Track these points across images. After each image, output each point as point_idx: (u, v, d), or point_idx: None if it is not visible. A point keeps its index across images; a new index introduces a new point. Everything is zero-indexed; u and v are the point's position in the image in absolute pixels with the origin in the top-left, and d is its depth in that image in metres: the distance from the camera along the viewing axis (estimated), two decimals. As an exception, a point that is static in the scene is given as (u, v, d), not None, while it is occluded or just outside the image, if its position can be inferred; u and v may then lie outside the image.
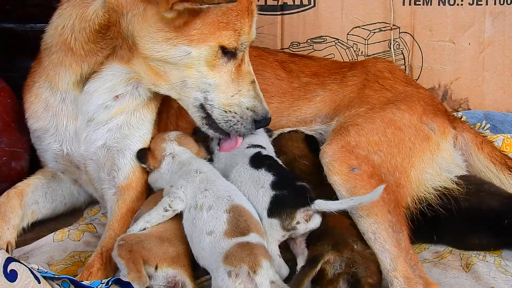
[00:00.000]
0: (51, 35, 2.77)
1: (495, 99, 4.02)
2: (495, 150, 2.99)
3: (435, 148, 2.84)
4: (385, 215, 2.53)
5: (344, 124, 2.83)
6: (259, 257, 2.31)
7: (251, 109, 2.74)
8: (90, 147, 2.81)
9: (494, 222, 2.71)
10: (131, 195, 2.80)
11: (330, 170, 2.65)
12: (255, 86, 2.77)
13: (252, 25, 2.73)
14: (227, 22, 2.60)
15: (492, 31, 3.95)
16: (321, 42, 3.97)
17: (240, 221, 2.45)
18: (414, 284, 2.39)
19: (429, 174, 2.80)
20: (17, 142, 3.09)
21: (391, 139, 2.75)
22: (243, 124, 2.74)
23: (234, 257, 2.31)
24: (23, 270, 2.16)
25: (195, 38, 2.57)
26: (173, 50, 2.58)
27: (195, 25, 2.56)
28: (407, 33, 3.96)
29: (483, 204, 2.74)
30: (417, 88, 3.15)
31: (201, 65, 2.64)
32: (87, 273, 2.50)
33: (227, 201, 2.52)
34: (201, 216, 2.50)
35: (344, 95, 3.14)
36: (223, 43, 2.62)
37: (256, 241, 2.40)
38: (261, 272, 2.28)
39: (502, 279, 2.59)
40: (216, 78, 2.67)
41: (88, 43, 2.68)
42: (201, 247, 2.45)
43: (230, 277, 2.28)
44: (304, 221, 2.47)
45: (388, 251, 2.46)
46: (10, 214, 2.86)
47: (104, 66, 2.72)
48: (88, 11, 2.64)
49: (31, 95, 2.89)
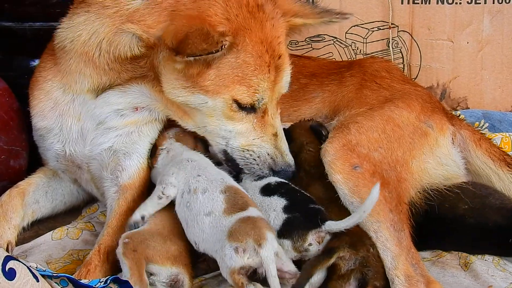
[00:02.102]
0: (71, 40, 2.69)
1: (494, 98, 4.03)
2: (494, 146, 2.99)
3: (434, 143, 2.84)
4: (386, 214, 2.53)
5: (344, 122, 2.83)
6: (263, 230, 2.34)
7: (271, 157, 2.70)
8: (96, 148, 2.81)
9: (499, 238, 2.68)
10: (132, 194, 2.80)
11: (332, 168, 2.64)
12: (277, 139, 2.72)
13: (280, 81, 2.67)
14: (242, 76, 2.55)
15: (490, 29, 3.95)
16: (320, 41, 3.97)
17: (237, 198, 2.50)
18: (415, 282, 2.39)
19: (431, 164, 2.80)
20: (16, 140, 3.09)
21: (390, 135, 2.75)
22: (259, 165, 2.71)
23: (239, 232, 2.33)
24: (22, 269, 2.16)
25: (210, 89, 2.55)
26: (191, 97, 2.57)
27: (208, 76, 2.53)
28: (406, 32, 3.96)
29: (488, 220, 2.69)
30: (415, 86, 3.15)
31: (219, 115, 2.62)
32: (85, 271, 2.50)
33: (221, 183, 2.56)
34: (196, 199, 2.53)
35: (343, 96, 3.14)
36: (236, 97, 2.58)
37: (257, 214, 2.42)
38: (266, 245, 2.29)
39: (500, 277, 2.59)
40: (236, 125, 2.66)
41: (114, 63, 2.65)
42: (200, 229, 2.46)
43: (237, 253, 2.29)
44: (317, 243, 2.43)
45: (390, 250, 2.47)
46: (11, 214, 2.85)
47: (131, 84, 2.71)
48: (119, 39, 2.59)
49: (40, 92, 2.86)
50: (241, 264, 2.29)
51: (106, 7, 2.62)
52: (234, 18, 2.51)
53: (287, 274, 2.35)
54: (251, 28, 2.54)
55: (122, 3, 2.59)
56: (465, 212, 2.70)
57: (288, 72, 2.72)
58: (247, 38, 2.53)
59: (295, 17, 2.76)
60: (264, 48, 2.57)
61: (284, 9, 2.71)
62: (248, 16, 2.54)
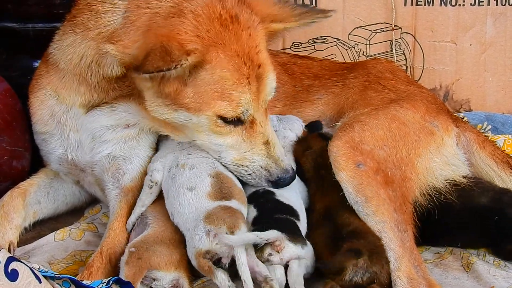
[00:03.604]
0: (64, 61, 2.71)
1: (497, 100, 4.03)
2: (497, 149, 2.99)
3: (440, 142, 2.83)
4: (391, 213, 2.52)
5: (348, 122, 2.82)
6: (239, 221, 2.39)
7: (265, 168, 2.66)
8: (96, 156, 2.82)
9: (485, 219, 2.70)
10: (134, 197, 2.79)
11: (336, 166, 2.62)
12: (269, 146, 2.66)
13: (264, 89, 2.61)
14: (221, 92, 2.49)
15: (493, 32, 3.95)
16: (323, 43, 3.97)
17: (223, 187, 2.53)
18: (417, 285, 2.38)
19: (437, 163, 2.78)
20: (18, 141, 3.09)
21: (396, 133, 2.73)
22: (256, 180, 2.67)
23: (216, 217, 2.38)
24: (24, 270, 2.16)
25: (191, 106, 2.50)
26: (175, 114, 2.53)
27: (186, 94, 2.48)
28: (409, 34, 3.96)
29: (473, 201, 2.73)
30: (419, 88, 3.15)
31: (206, 130, 2.58)
32: (87, 273, 2.50)
33: (211, 167, 2.60)
34: (182, 172, 2.58)
35: (347, 98, 3.14)
36: (219, 113, 2.52)
37: (238, 207, 2.46)
38: (238, 234, 2.33)
39: (502, 277, 2.59)
40: (226, 139, 2.62)
41: (103, 82, 2.66)
42: (178, 202, 2.50)
43: (208, 236, 2.33)
44: (276, 252, 2.37)
45: (393, 251, 2.45)
46: (13, 214, 2.84)
47: (118, 102, 2.71)
48: (104, 61, 2.60)
49: (37, 100, 2.87)
50: (208, 247, 2.32)
51: (89, 29, 2.62)
52: (206, 34, 2.45)
53: (258, 276, 2.33)
54: (225, 42, 2.48)
55: (102, 24, 2.59)
56: (451, 198, 2.72)
57: (272, 79, 2.65)
58: (220, 53, 2.47)
59: (274, 23, 2.70)
60: (241, 60, 2.51)
61: (262, 15, 2.65)
62: (221, 29, 2.48)
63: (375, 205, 2.52)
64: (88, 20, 2.63)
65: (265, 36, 2.66)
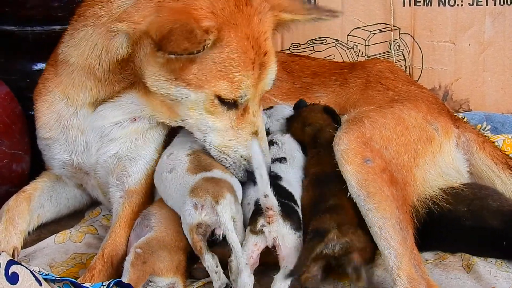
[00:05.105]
0: (76, 56, 2.71)
1: (496, 100, 4.03)
2: (497, 150, 2.98)
3: (437, 150, 2.81)
4: (393, 210, 2.48)
5: (357, 116, 2.77)
6: (224, 189, 2.41)
7: (245, 158, 2.63)
8: (102, 156, 2.82)
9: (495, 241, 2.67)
10: (138, 199, 2.79)
11: (343, 158, 2.58)
12: (257, 138, 2.64)
13: (264, 78, 2.62)
14: (225, 71, 2.48)
15: (492, 31, 3.96)
16: (322, 43, 3.98)
17: (202, 160, 2.59)
18: (417, 284, 2.36)
19: (432, 175, 2.77)
20: (18, 144, 3.09)
21: (399, 138, 2.71)
22: (235, 170, 2.65)
23: (199, 188, 2.41)
24: (25, 273, 2.16)
25: (193, 83, 2.50)
26: (174, 89, 2.53)
27: (191, 70, 2.48)
28: (408, 34, 3.96)
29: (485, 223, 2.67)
30: (420, 88, 3.14)
31: (200, 108, 2.58)
32: (89, 275, 2.49)
33: (188, 149, 2.66)
34: (161, 161, 2.70)
35: (348, 98, 3.13)
36: (219, 93, 2.52)
37: (220, 176, 2.50)
38: (223, 203, 2.36)
39: (503, 277, 2.58)
40: (215, 122, 2.61)
41: (108, 72, 2.66)
42: (164, 186, 2.60)
43: (196, 209, 2.37)
44: (267, 223, 2.37)
45: (394, 248, 2.42)
46: (18, 219, 2.82)
47: (120, 95, 2.72)
48: (112, 44, 2.59)
49: (44, 104, 2.86)
50: (198, 220, 2.36)
51: (100, 17, 2.61)
52: (220, 12, 2.45)
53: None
54: (237, 23, 2.48)
55: (113, 8, 2.58)
56: (463, 214, 2.69)
57: (274, 70, 2.66)
58: (232, 33, 2.47)
59: (283, 12, 2.70)
60: (250, 44, 2.51)
61: (273, 3, 2.65)
62: (235, 10, 2.48)
63: (377, 201, 2.49)
64: (99, 10, 2.62)
65: (273, 24, 2.67)
